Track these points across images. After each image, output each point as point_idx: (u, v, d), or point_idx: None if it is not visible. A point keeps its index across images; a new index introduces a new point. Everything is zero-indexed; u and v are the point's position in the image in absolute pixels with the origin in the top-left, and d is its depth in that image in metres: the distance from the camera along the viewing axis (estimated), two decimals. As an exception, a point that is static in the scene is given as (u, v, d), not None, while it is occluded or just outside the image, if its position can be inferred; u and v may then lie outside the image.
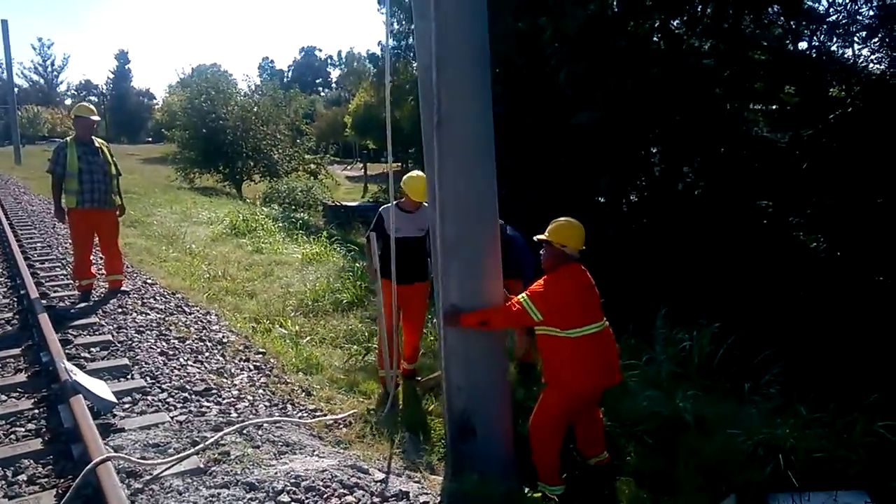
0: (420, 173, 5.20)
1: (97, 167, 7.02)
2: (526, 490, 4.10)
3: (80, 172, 6.90)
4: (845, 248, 12.39)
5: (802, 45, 17.28)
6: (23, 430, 4.20)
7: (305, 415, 4.77)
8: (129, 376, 5.07)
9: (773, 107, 18.99)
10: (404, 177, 5.53)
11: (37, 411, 4.43)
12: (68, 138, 7.16)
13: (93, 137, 7.17)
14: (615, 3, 16.62)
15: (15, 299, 7.38)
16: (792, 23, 17.26)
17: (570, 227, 4.30)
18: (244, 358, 5.88)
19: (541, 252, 4.38)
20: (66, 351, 5.46)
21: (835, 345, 11.34)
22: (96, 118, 7.22)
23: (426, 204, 5.07)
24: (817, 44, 16.04)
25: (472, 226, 4.09)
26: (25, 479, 3.59)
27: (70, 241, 7.97)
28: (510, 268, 4.50)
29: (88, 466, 3.29)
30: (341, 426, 4.69)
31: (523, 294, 4.08)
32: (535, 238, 4.44)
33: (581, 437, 4.58)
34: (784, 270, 13.77)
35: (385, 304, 5.24)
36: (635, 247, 17.26)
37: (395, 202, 5.35)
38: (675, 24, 19.45)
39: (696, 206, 17.49)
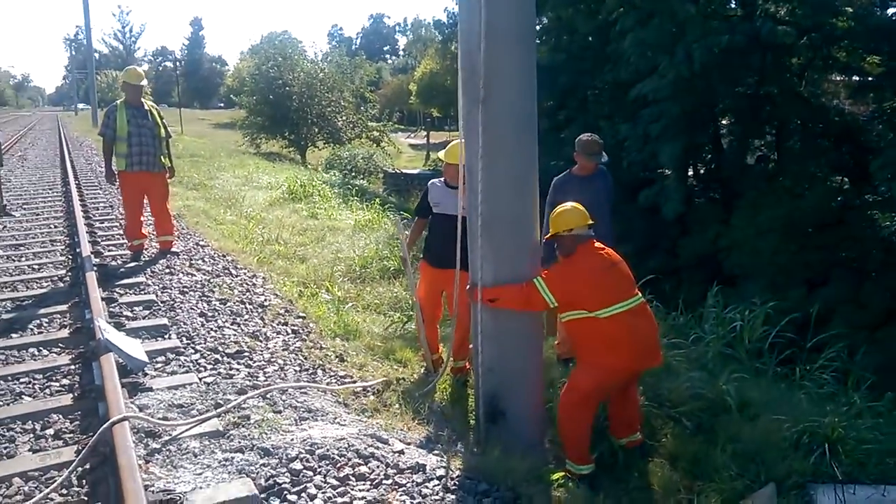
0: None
1: (146, 130, 7.06)
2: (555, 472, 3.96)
3: (129, 136, 6.95)
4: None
5: (891, 10, 16.28)
6: (57, 385, 4.30)
7: (334, 381, 4.74)
8: (166, 336, 5.14)
9: (855, 77, 17.99)
10: (445, 149, 5.14)
11: (72, 367, 4.53)
12: (118, 101, 7.20)
13: (142, 100, 7.21)
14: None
15: (70, 257, 7.61)
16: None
17: (566, 210, 4.19)
18: (283, 322, 5.89)
19: (556, 249, 4.23)
20: (110, 309, 5.59)
21: (894, 326, 10.77)
22: (144, 82, 7.23)
23: None
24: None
25: (507, 205, 3.97)
26: (52, 433, 3.67)
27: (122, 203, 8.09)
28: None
29: (105, 426, 3.33)
30: (369, 394, 4.64)
31: (538, 277, 3.91)
32: (543, 239, 4.29)
33: (614, 418, 4.41)
34: (855, 251, 13.13)
35: (427, 293, 5.11)
36: (697, 221, 16.73)
37: (442, 178, 5.17)
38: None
39: (765, 181, 16.76)
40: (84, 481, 3.22)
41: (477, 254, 4.05)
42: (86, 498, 3.10)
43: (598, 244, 4.13)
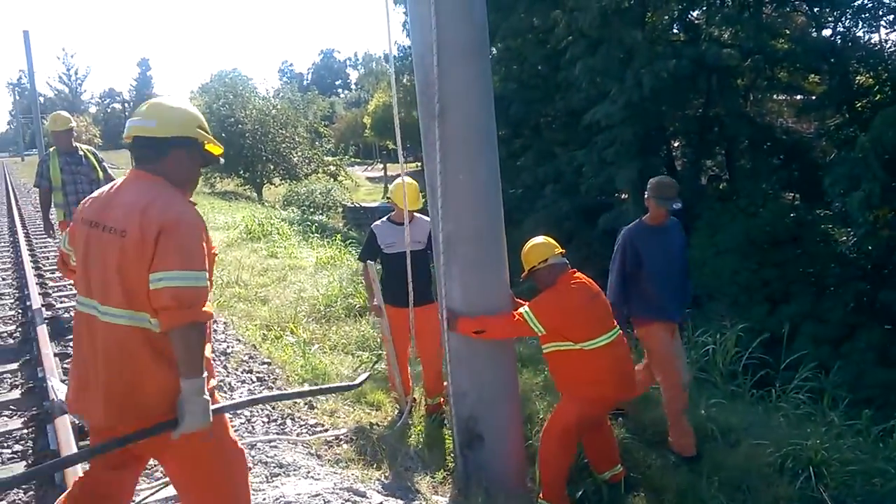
0: (410, 180, 4.65)
1: (81, 177, 6.74)
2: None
3: (63, 184, 6.67)
4: (877, 242, 11.93)
5: (827, 31, 16.86)
6: (9, 451, 4.03)
7: (305, 431, 4.55)
8: (124, 392, 4.89)
9: (798, 97, 18.58)
10: (392, 185, 5.09)
11: (25, 431, 4.26)
12: (51, 150, 6.91)
13: (77, 145, 6.90)
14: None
15: (20, 311, 7.28)
16: (816, 9, 16.83)
17: (538, 243, 4.16)
18: (247, 369, 5.67)
19: (536, 285, 4.16)
20: (65, 365, 5.31)
21: (869, 345, 10.96)
22: (68, 126, 6.85)
23: (419, 215, 4.82)
24: (842, 30, 15.58)
25: (473, 222, 3.85)
26: (5, 505, 3.41)
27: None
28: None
29: (59, 498, 3.09)
30: (342, 442, 4.46)
31: (525, 307, 3.83)
32: (521, 278, 4.23)
33: (593, 453, 4.32)
34: (812, 267, 13.38)
35: (394, 334, 4.92)
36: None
37: (385, 217, 5.10)
38: (694, 14, 19.08)
39: (720, 201, 17.08)
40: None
41: (443, 276, 3.93)
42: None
43: (577, 273, 4.06)
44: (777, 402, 5.69)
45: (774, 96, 20.05)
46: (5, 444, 4.14)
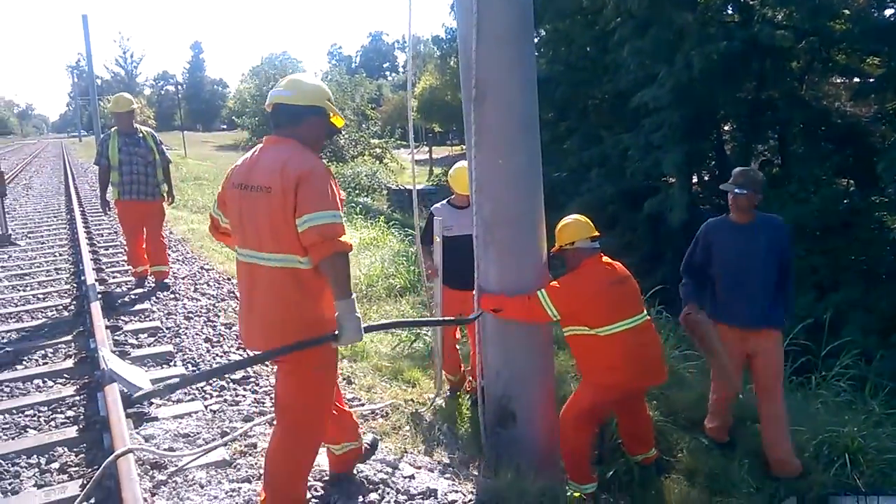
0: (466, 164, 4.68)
1: (138, 158, 6.88)
2: (567, 490, 3.88)
3: (120, 164, 6.81)
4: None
5: (888, 11, 16.22)
6: (62, 417, 4.24)
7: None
8: (171, 363, 5.09)
9: (856, 79, 17.93)
10: (451, 170, 5.12)
11: (77, 398, 4.47)
12: (112, 130, 7.04)
13: (137, 126, 7.05)
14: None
15: (75, 285, 7.58)
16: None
17: (569, 222, 4.14)
18: (289, 345, 5.82)
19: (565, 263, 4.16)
20: (115, 337, 5.55)
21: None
22: (130, 108, 7.01)
23: None
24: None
25: (511, 206, 3.84)
26: (57, 467, 3.60)
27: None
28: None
29: (109, 459, 3.27)
30: (377, 416, 4.56)
31: (542, 290, 3.83)
32: (550, 253, 4.16)
33: (625, 434, 4.33)
34: (864, 254, 13.00)
35: (446, 314, 4.91)
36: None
37: (445, 200, 5.13)
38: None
39: (771, 186, 16.65)
40: (90, 517, 3.16)
41: (480, 259, 3.97)
42: (91, 535, 3.04)
43: (606, 259, 4.05)
44: (817, 389, 5.61)
45: (832, 79, 19.40)
46: (59, 410, 4.36)
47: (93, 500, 3.21)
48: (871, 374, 5.89)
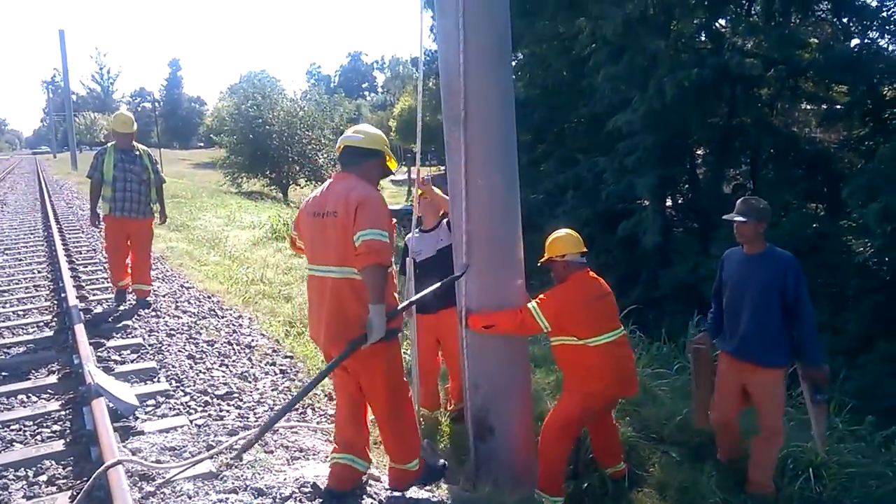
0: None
1: (133, 175, 6.94)
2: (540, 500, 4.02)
3: (114, 180, 6.87)
4: (894, 254, 11.90)
5: (854, 42, 16.80)
6: (48, 431, 4.30)
7: (324, 420, 4.78)
8: (155, 379, 5.16)
9: (824, 107, 18.49)
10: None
11: (63, 413, 4.53)
12: (109, 144, 7.09)
13: (134, 143, 7.11)
14: (654, 1, 16.31)
15: (55, 302, 7.60)
16: (844, 19, 16.77)
17: (562, 236, 4.31)
18: (270, 362, 5.92)
19: (551, 274, 4.33)
20: (98, 353, 5.60)
21: (884, 357, 10.96)
22: (132, 130, 7.09)
23: (443, 222, 4.96)
24: (867, 41, 15.52)
25: (490, 225, 4.04)
26: (45, 479, 3.67)
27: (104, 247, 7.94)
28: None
29: (99, 470, 3.35)
30: (359, 432, 4.67)
31: (533, 302, 4.01)
32: (538, 263, 4.35)
33: (597, 447, 4.50)
34: (832, 278, 13.36)
35: (423, 342, 4.89)
36: (677, 251, 16.97)
37: (415, 228, 5.08)
38: (721, 22, 19.09)
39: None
40: (79, 528, 3.23)
41: (466, 276, 4.11)
42: (82, 544, 3.12)
43: (591, 273, 4.23)
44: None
45: (801, 106, 19.97)
46: (44, 424, 4.41)
47: (83, 511, 3.29)
48: (836, 393, 6.10)
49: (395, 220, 3.36)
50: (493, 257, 4.07)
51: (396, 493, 3.65)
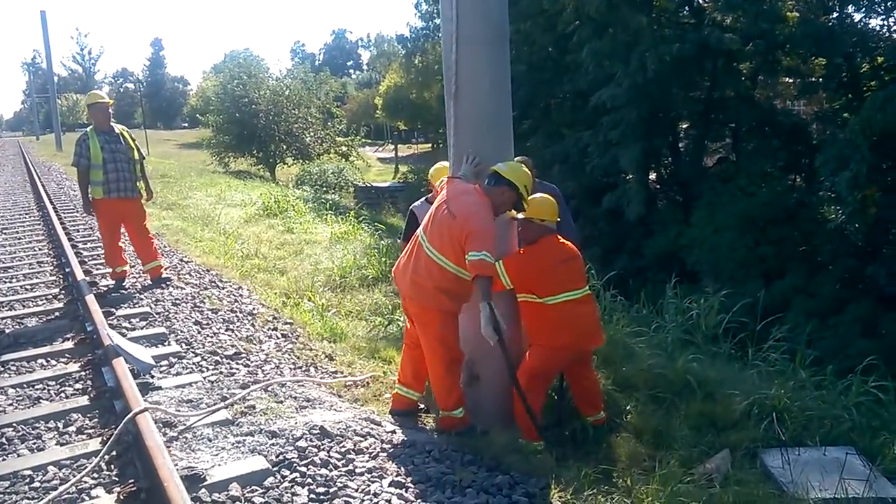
0: (446, 163, 4.99)
1: (121, 155, 6.97)
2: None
3: (104, 162, 6.85)
4: (864, 219, 12.37)
5: (833, 15, 17.15)
6: (71, 389, 4.65)
7: (327, 376, 5.15)
8: (165, 343, 5.51)
9: (799, 81, 18.88)
10: (431, 168, 5.44)
11: (83, 373, 4.88)
12: (88, 129, 7.01)
13: (112, 124, 7.09)
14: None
15: (61, 277, 7.89)
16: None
17: (546, 201, 4.57)
18: (272, 327, 6.27)
19: (519, 230, 4.65)
20: (109, 321, 5.91)
21: (855, 318, 11.46)
22: (105, 100, 7.10)
23: None
24: (841, 14, 15.88)
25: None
26: (74, 429, 4.02)
27: (98, 231, 7.96)
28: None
29: (129, 415, 3.70)
30: (359, 386, 5.05)
31: (500, 260, 4.33)
32: (516, 217, 4.61)
33: (577, 396, 4.87)
34: (807, 244, 13.86)
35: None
36: (659, 222, 17.43)
37: (423, 198, 5.40)
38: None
39: (722, 181, 17.49)
40: (112, 466, 3.58)
41: None
42: (117, 479, 3.47)
43: (560, 239, 4.58)
44: (752, 360, 6.22)
45: (782, 79, 20.33)
46: (67, 384, 4.75)
47: (114, 453, 3.64)
48: (801, 347, 6.51)
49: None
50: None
51: (395, 435, 4.02)
